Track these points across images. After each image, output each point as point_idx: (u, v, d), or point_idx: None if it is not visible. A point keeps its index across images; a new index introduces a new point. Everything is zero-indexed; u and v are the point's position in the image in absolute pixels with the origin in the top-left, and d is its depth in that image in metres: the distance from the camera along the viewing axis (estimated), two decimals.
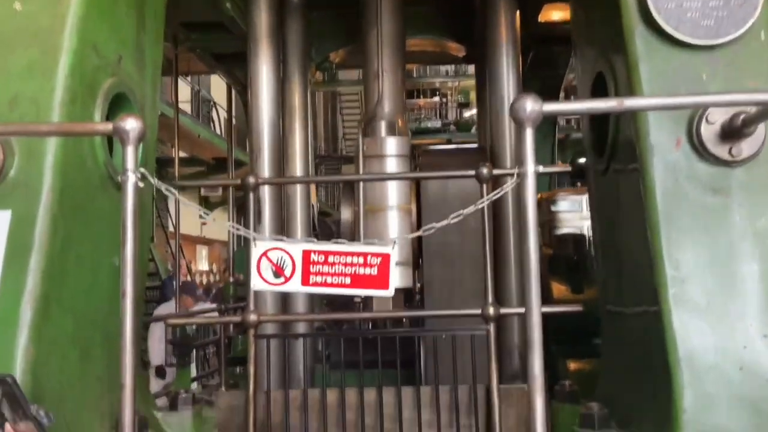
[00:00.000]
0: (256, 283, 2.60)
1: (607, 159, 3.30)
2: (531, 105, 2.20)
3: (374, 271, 2.41)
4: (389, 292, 2.46)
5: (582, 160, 4.01)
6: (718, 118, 2.70)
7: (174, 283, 10.94)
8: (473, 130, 26.05)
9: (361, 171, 5.17)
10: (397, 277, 2.40)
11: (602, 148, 3.42)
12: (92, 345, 3.23)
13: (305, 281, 2.45)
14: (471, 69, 28.64)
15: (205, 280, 20.69)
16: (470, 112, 30.80)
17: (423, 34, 7.43)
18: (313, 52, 7.46)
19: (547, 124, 7.38)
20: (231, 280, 9.27)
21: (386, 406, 3.82)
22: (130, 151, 2.34)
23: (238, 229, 2.81)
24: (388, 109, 5.61)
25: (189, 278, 16.97)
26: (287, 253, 2.47)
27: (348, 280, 2.43)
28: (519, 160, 2.25)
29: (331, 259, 2.42)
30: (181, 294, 8.77)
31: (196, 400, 4.12)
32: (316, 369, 4.98)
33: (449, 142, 24.62)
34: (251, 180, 3.94)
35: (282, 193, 5.69)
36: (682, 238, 2.68)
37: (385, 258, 2.40)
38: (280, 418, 3.87)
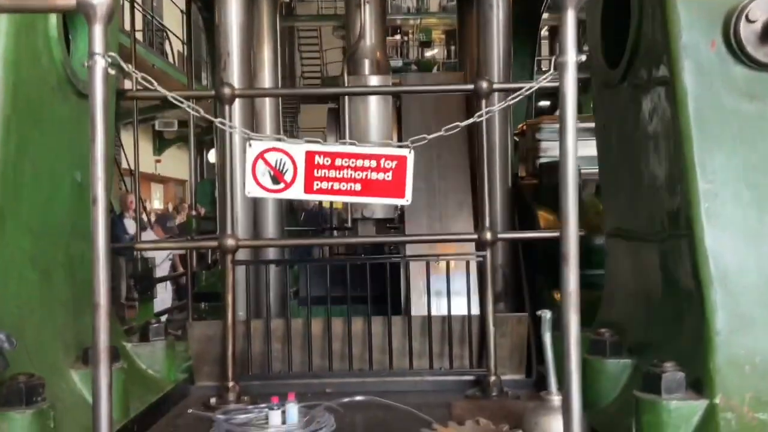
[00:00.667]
0: (251, 189, 2.27)
1: (624, 69, 3.02)
2: None
3: (389, 176, 2.10)
4: (406, 200, 2.17)
5: None
6: (760, 15, 2.44)
7: (124, 222, 10.45)
8: (435, 70, 25.69)
9: (347, 108, 4.83)
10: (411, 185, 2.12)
11: (615, 58, 3.14)
12: (54, 267, 2.89)
13: (309, 188, 2.14)
14: (434, 6, 28.07)
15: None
16: (431, 52, 30.28)
17: None
18: None
19: (526, 35, 7.06)
20: (193, 213, 8.88)
21: (375, 337, 3.59)
22: (98, 30, 1.96)
23: (231, 128, 2.44)
24: (370, 43, 5.26)
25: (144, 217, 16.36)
26: (288, 154, 2.14)
27: (358, 187, 2.11)
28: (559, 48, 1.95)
29: (339, 162, 2.10)
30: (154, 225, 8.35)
31: (167, 331, 3.82)
32: (292, 300, 4.74)
33: None
34: (226, 90, 3.53)
35: (252, 118, 5.31)
36: (716, 149, 2.45)
37: (402, 161, 2.09)
38: (261, 348, 3.61)
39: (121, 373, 2.81)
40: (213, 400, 3.35)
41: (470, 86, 3.60)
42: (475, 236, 3.53)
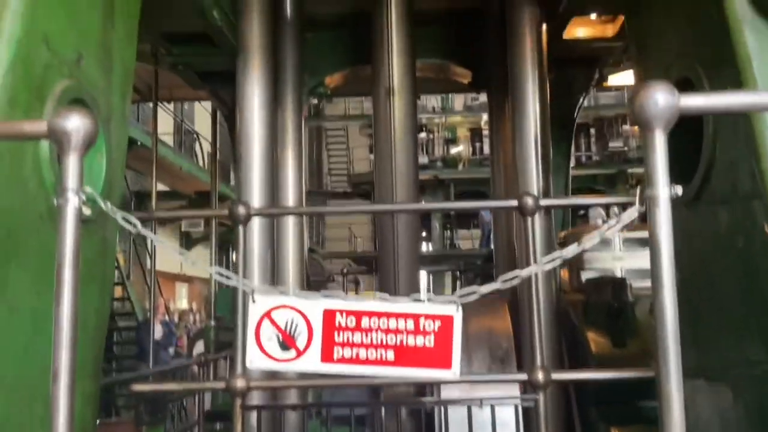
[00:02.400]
0: (254, 359, 1.84)
1: (698, 186, 2.60)
2: (664, 98, 1.50)
3: (430, 341, 1.65)
4: (453, 373, 1.70)
5: None
6: None
7: (149, 328, 10.09)
8: (460, 167, 25.67)
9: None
10: (460, 351, 1.67)
11: (684, 173, 2.73)
12: (31, 424, 2.44)
13: (327, 356, 1.68)
14: (458, 105, 28.48)
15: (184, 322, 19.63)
16: (457, 149, 30.49)
17: (428, 58, 6.84)
18: (307, 76, 6.82)
19: (561, 137, 6.74)
20: (212, 323, 8.45)
21: None
22: (72, 162, 1.61)
23: (227, 278, 2.03)
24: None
25: (167, 318, 16.00)
26: (301, 313, 1.71)
27: (391, 355, 1.65)
28: (646, 177, 1.54)
29: (366, 322, 1.65)
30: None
31: None
32: None
33: (436, 178, 24.11)
34: (241, 210, 3.17)
35: (273, 229, 4.99)
36: None
37: (447, 322, 1.65)
38: None
39: None
40: None
41: (513, 202, 3.18)
42: (524, 376, 3.02)
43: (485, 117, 20.64)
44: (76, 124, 1.59)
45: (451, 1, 6.75)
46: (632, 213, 1.70)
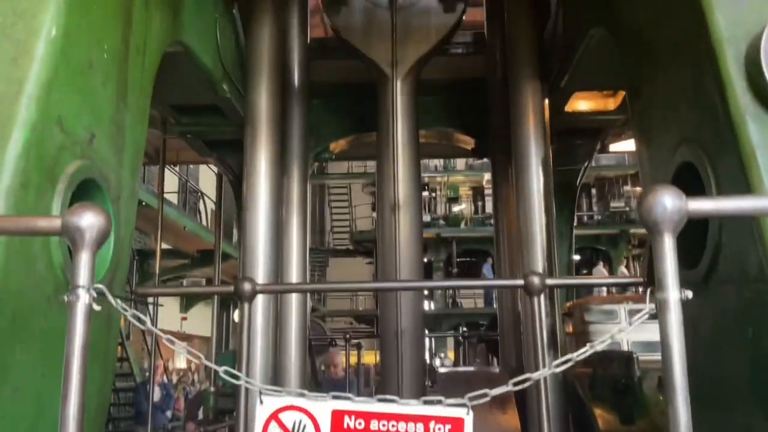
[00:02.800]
0: None
1: (706, 270, 2.60)
2: (672, 202, 1.52)
3: None
4: None
5: None
6: None
7: (147, 388, 9.95)
8: (462, 225, 25.74)
9: None
10: None
11: (690, 256, 2.74)
12: None
13: None
14: (460, 165, 28.64)
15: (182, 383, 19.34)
16: (459, 207, 30.63)
17: (432, 127, 6.96)
18: (313, 141, 6.92)
19: (564, 205, 6.77)
20: (211, 389, 8.33)
21: None
22: (84, 259, 1.62)
23: (236, 379, 1.99)
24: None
25: (165, 379, 15.79)
26: (309, 414, 1.69)
27: None
28: (656, 280, 1.54)
29: (375, 425, 1.62)
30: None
31: None
32: None
33: (438, 236, 24.15)
34: (246, 287, 3.17)
35: (277, 299, 4.97)
36: None
37: (458, 426, 1.63)
38: None
39: None
40: None
41: (520, 282, 3.19)
42: None
43: (487, 176, 20.79)
44: (89, 221, 1.61)
45: (455, 72, 6.90)
46: (643, 315, 1.70)
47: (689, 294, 1.53)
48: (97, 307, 1.63)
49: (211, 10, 4.69)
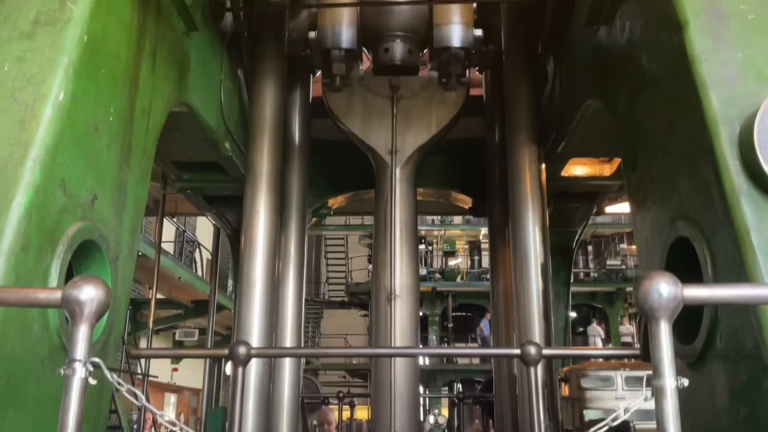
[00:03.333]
0: None
1: (702, 347, 2.60)
2: (668, 289, 1.54)
3: None
4: None
5: None
6: None
7: None
8: (459, 279, 25.66)
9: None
10: None
11: (685, 333, 2.74)
12: None
13: None
14: (457, 219, 28.71)
15: None
16: (455, 261, 30.61)
17: (430, 184, 7.02)
18: (311, 197, 6.97)
19: (561, 266, 6.77)
20: None
21: None
22: (82, 332, 1.62)
23: None
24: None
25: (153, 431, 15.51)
26: None
27: None
28: (653, 364, 1.55)
29: None
30: None
31: None
32: None
33: (434, 290, 24.03)
34: (241, 351, 3.16)
35: (271, 361, 4.94)
36: None
37: None
38: None
39: None
40: None
41: (516, 351, 3.18)
42: None
43: (484, 230, 20.85)
44: (89, 294, 1.62)
45: (454, 132, 7.00)
46: (640, 401, 1.70)
47: (685, 382, 1.53)
48: (93, 381, 1.62)
49: (216, 71, 4.78)
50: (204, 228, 20.39)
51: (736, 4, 2.77)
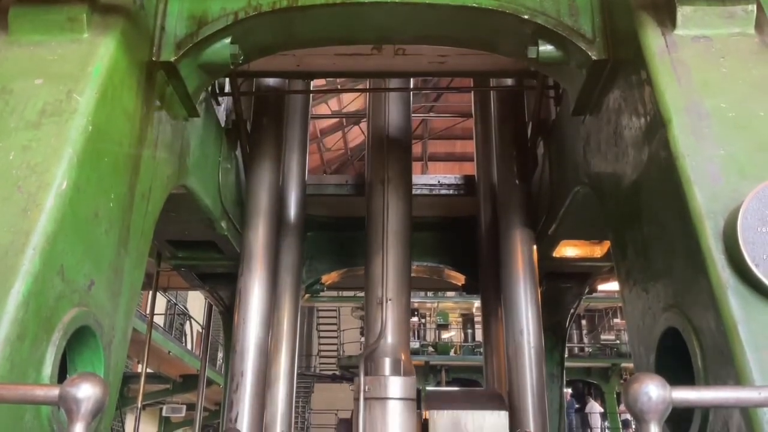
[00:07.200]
0: None
1: None
2: (657, 392, 1.57)
3: None
4: None
5: None
6: None
7: None
8: (452, 353, 25.37)
9: (360, 413, 4.44)
10: None
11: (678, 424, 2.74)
12: None
13: None
14: (450, 291, 28.73)
15: None
16: (449, 334, 30.34)
17: (423, 261, 7.08)
18: (305, 273, 7.01)
19: (554, 346, 6.74)
20: None
21: None
22: (78, 429, 1.62)
23: None
24: (392, 341, 5.00)
25: None
26: None
27: None
28: None
29: None
30: None
31: None
32: None
33: (426, 364, 23.71)
34: None
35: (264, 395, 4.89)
36: None
37: None
38: None
39: None
40: None
41: None
42: None
43: (477, 303, 20.76)
44: (87, 393, 1.63)
45: (446, 210, 7.12)
46: None
47: None
48: None
49: (215, 154, 4.90)
50: (195, 299, 20.27)
51: (716, 102, 2.90)
